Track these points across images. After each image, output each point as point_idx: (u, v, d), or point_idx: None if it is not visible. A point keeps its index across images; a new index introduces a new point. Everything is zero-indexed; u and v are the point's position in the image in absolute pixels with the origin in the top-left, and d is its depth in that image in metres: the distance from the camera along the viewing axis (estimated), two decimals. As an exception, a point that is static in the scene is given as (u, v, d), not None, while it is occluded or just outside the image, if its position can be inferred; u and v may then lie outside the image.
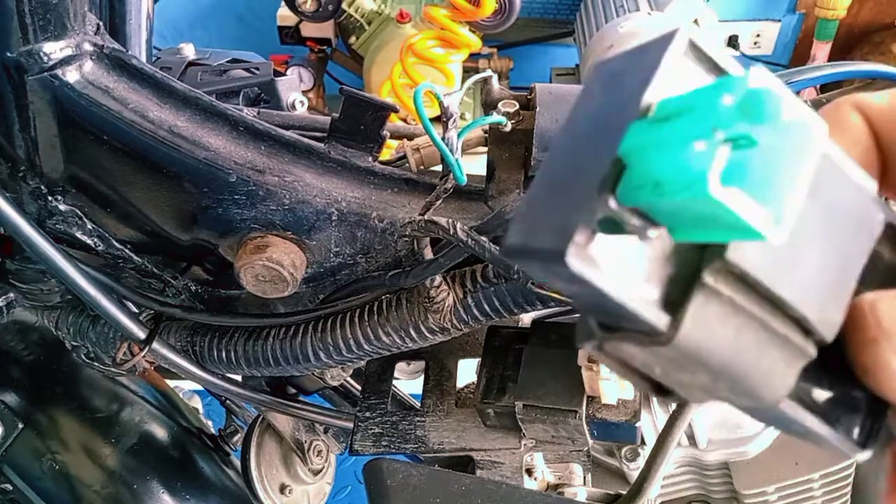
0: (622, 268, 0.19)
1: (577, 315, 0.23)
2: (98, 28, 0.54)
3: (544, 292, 0.49)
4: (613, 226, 0.19)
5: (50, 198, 0.58)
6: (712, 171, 0.17)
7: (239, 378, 0.70)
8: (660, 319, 0.19)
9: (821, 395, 0.22)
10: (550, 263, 0.19)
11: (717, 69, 0.19)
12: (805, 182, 0.18)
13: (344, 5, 2.02)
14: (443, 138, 0.50)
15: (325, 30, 2.15)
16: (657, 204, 0.18)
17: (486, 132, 0.61)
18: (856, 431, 0.22)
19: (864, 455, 0.22)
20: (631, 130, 0.18)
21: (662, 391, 0.22)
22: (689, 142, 0.17)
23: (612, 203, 0.18)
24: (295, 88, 0.89)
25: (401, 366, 0.71)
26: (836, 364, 0.22)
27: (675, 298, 0.19)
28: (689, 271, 0.19)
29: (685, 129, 0.17)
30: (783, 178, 0.18)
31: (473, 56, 2.07)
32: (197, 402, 1.15)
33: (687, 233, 0.19)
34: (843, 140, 0.25)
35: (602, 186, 0.18)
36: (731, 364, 0.19)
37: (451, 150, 0.50)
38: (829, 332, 0.20)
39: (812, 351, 0.20)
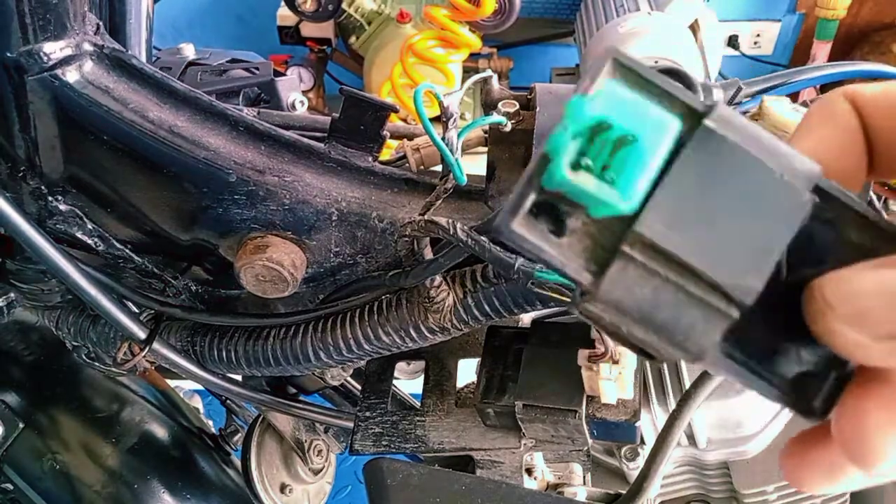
0: (557, 237, 0.24)
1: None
2: (98, 28, 0.54)
3: (544, 292, 0.49)
4: (548, 206, 0.24)
5: (50, 198, 0.58)
6: (564, 158, 0.23)
7: (239, 378, 0.70)
8: (584, 277, 0.24)
9: (790, 363, 0.25)
10: (501, 235, 0.24)
11: (642, 83, 0.24)
12: (653, 167, 0.23)
13: (344, 5, 2.02)
14: (443, 138, 0.50)
15: (325, 30, 2.15)
16: (566, 188, 0.23)
17: (486, 132, 0.61)
18: (818, 402, 0.26)
19: (816, 420, 0.26)
20: (556, 131, 0.23)
21: (646, 354, 0.26)
22: (564, 139, 0.23)
23: (538, 188, 0.24)
24: (295, 88, 0.89)
25: (401, 366, 0.71)
26: (808, 340, 0.25)
27: (604, 263, 0.24)
28: (615, 241, 0.24)
29: (563, 129, 0.23)
30: (633, 164, 0.23)
31: (473, 56, 2.07)
32: (197, 402, 1.15)
33: (591, 209, 0.24)
34: (832, 126, 0.27)
35: (530, 175, 0.24)
36: (652, 318, 0.24)
37: (451, 150, 0.50)
38: (746, 298, 0.24)
39: (734, 313, 0.24)
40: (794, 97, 0.59)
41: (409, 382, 0.78)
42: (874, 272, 0.24)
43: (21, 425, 0.81)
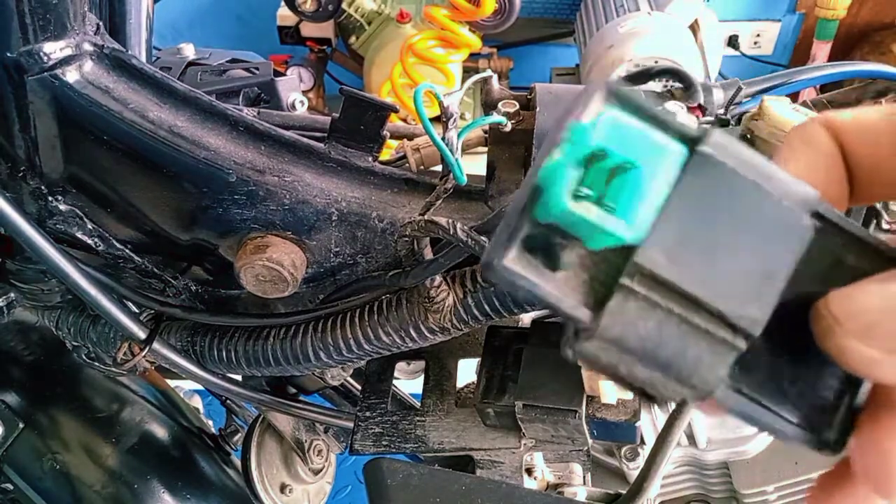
0: (551, 272, 0.23)
1: None
2: (98, 28, 0.54)
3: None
4: (541, 239, 0.23)
5: (50, 198, 0.58)
6: (565, 188, 0.21)
7: (239, 378, 0.70)
8: (582, 313, 0.23)
9: (798, 395, 0.25)
10: (493, 271, 0.23)
11: (635, 110, 0.23)
12: (658, 193, 0.22)
13: (344, 5, 2.02)
14: (443, 138, 0.50)
15: (325, 30, 2.15)
16: (562, 219, 0.22)
17: (486, 132, 0.61)
18: (832, 434, 0.25)
19: (831, 454, 0.25)
20: (551, 160, 0.22)
21: (647, 395, 0.24)
22: (564, 169, 0.22)
23: (531, 220, 0.22)
24: (295, 88, 0.89)
25: (401, 365, 0.71)
26: (814, 369, 0.25)
27: (603, 298, 0.23)
28: (613, 274, 0.23)
29: (562, 159, 0.22)
30: (633, 191, 0.22)
31: (473, 56, 2.07)
32: (197, 402, 1.15)
33: (588, 241, 0.22)
34: (813, 153, 0.27)
35: (523, 207, 0.23)
36: (656, 354, 0.23)
37: (451, 150, 0.50)
38: (752, 328, 0.23)
39: (741, 345, 0.23)
40: (794, 97, 0.59)
41: (409, 382, 0.78)
42: (880, 286, 0.23)
43: (21, 425, 0.81)
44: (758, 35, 2.35)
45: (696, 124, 0.24)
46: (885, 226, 0.60)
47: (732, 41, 2.31)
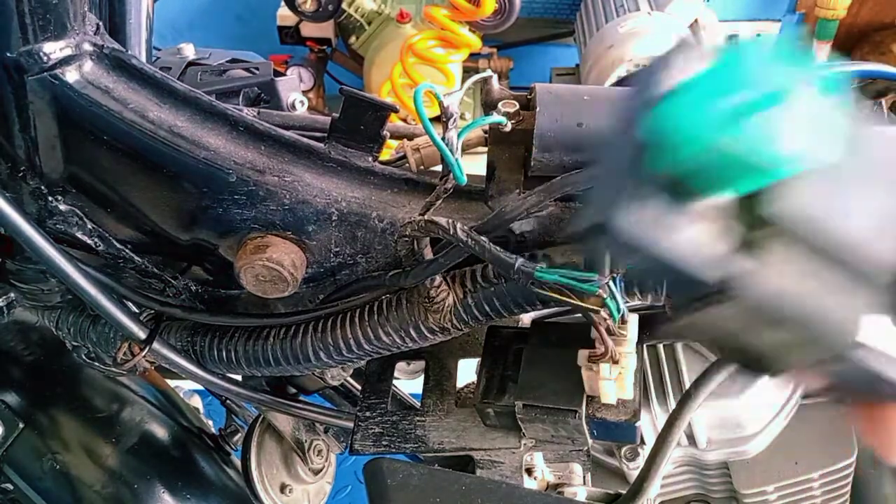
0: (677, 233, 0.21)
1: (579, 315, 0.24)
2: (98, 28, 0.54)
3: (545, 292, 0.49)
4: (660, 194, 0.21)
5: (50, 198, 0.58)
6: (701, 120, 0.19)
7: (239, 378, 0.70)
8: (714, 274, 0.21)
9: None
10: (608, 236, 0.21)
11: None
12: (799, 127, 0.20)
13: (344, 5, 2.02)
14: (443, 138, 0.50)
15: (325, 30, 2.15)
16: (684, 167, 0.20)
17: (486, 132, 0.61)
18: None
19: None
20: (649, 115, 0.20)
21: (757, 366, 0.23)
22: (713, 101, 0.19)
23: (648, 174, 0.20)
24: (295, 88, 0.89)
25: (401, 365, 0.71)
26: None
27: (735, 253, 0.21)
28: (745, 231, 0.21)
29: (707, 93, 0.20)
30: (775, 127, 0.20)
31: (473, 56, 2.07)
32: (197, 402, 1.15)
33: (716, 188, 0.20)
34: None
35: (635, 162, 0.20)
36: (798, 309, 0.21)
37: (451, 150, 0.50)
38: (889, 275, 0.22)
39: (885, 297, 0.21)
40: (794, 97, 0.58)
41: (409, 382, 0.78)
42: None
43: (21, 425, 0.81)
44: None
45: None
46: None
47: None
